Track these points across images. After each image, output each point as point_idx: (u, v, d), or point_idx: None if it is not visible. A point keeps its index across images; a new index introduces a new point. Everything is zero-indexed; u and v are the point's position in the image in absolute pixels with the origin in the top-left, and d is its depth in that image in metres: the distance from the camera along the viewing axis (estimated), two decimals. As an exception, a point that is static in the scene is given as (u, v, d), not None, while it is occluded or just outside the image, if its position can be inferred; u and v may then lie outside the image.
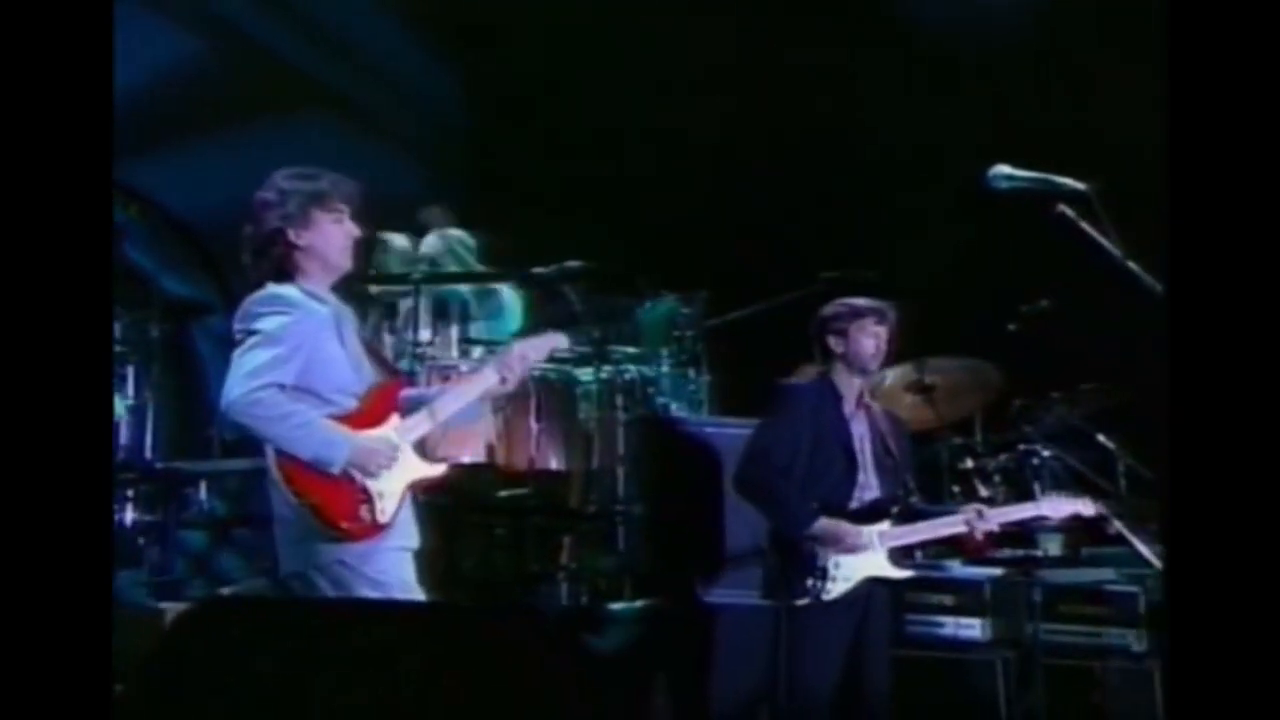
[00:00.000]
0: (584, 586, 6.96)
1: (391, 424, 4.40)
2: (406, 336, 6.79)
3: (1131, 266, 3.75)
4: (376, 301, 7.40)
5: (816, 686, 5.34)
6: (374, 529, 4.29)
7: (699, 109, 8.58)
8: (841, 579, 5.38)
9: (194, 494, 7.53)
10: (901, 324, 5.67)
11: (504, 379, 4.61)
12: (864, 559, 5.41)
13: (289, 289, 4.37)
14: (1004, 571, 6.40)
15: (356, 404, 4.37)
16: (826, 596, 5.37)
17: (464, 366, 6.51)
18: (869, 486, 5.56)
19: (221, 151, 8.62)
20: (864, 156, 8.42)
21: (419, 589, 4.40)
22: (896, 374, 6.81)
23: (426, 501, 4.75)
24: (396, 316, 7.12)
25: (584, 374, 7.13)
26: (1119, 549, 6.34)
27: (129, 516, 7.20)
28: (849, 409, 5.61)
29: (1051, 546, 6.64)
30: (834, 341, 5.61)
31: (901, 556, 5.52)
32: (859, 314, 5.62)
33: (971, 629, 6.25)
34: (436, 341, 7.07)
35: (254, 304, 4.36)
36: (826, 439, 5.53)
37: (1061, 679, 6.08)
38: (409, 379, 6.23)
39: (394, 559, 4.36)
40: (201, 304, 8.54)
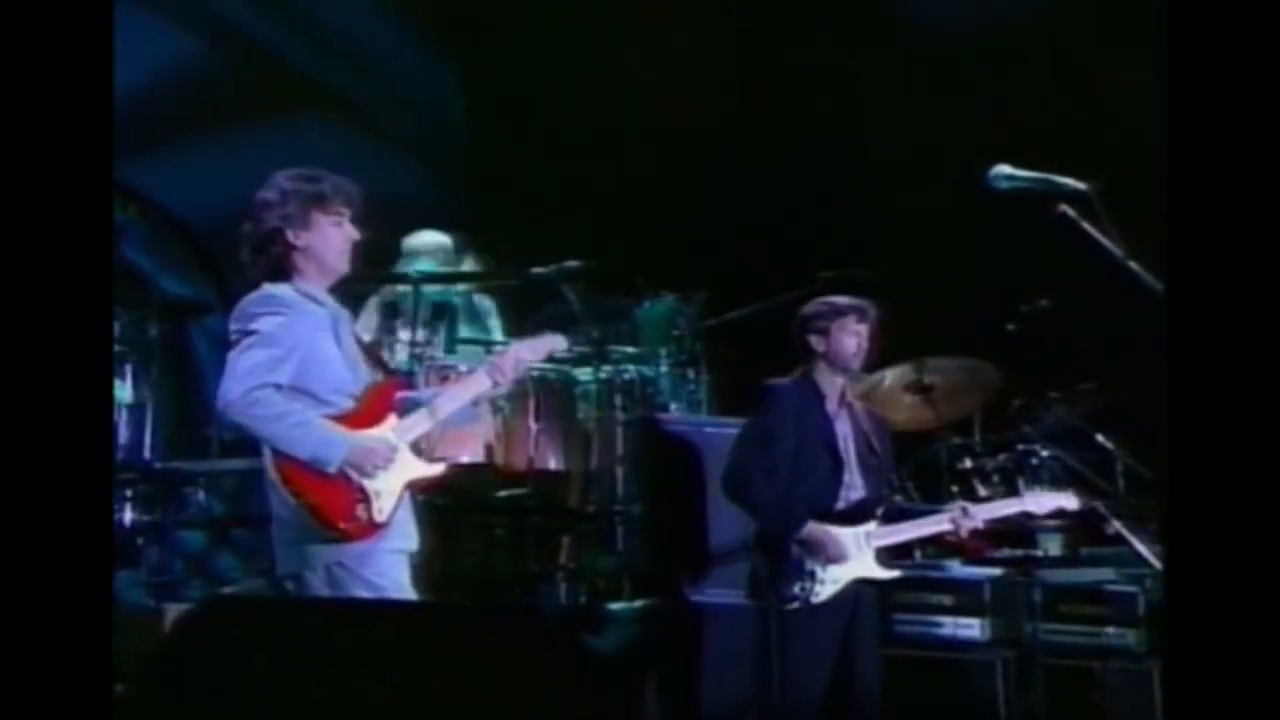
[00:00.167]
0: (583, 586, 6.94)
1: (388, 424, 4.40)
2: (403, 336, 6.77)
3: (1133, 266, 3.74)
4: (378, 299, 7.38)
5: (807, 688, 5.35)
6: (371, 528, 4.29)
7: (699, 109, 8.57)
8: (830, 581, 5.39)
9: (193, 494, 7.52)
10: (883, 321, 5.65)
11: (496, 382, 4.62)
12: (852, 560, 5.42)
13: (285, 290, 4.37)
14: (1004, 571, 6.40)
15: (353, 404, 4.37)
16: (815, 599, 5.37)
17: (463, 366, 6.50)
18: (854, 486, 5.56)
19: (221, 151, 8.61)
20: (864, 156, 8.41)
21: (415, 592, 4.40)
22: (896, 374, 6.78)
23: (426, 501, 4.74)
24: (397, 316, 7.10)
25: (583, 374, 7.12)
26: (1119, 549, 6.34)
27: (127, 516, 7.20)
28: (832, 408, 5.60)
29: (1051, 546, 6.63)
30: (815, 340, 5.60)
31: (890, 556, 5.52)
32: (840, 312, 5.60)
33: (971, 629, 6.24)
34: (435, 341, 7.05)
35: (250, 304, 4.36)
36: (811, 439, 5.52)
37: (1061, 679, 6.07)
38: (406, 379, 6.23)
39: (392, 561, 4.36)
40: (200, 304, 8.52)
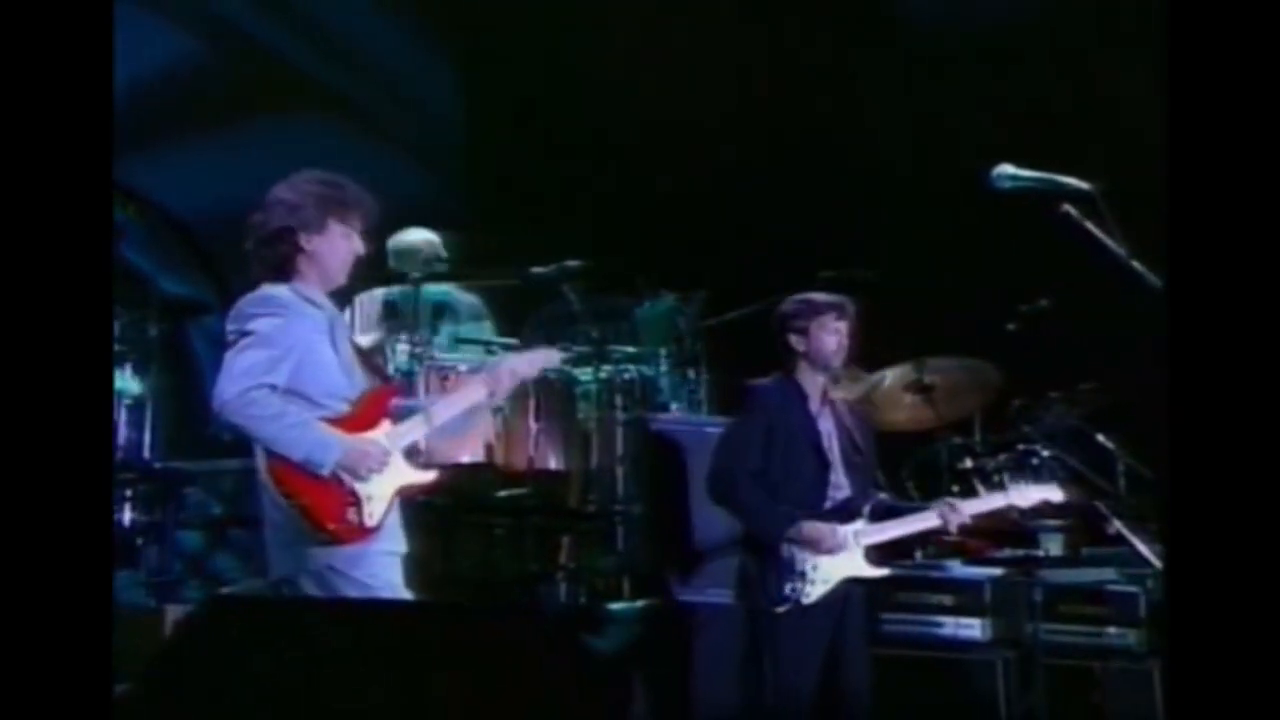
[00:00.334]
0: (583, 586, 6.95)
1: (383, 430, 4.40)
2: (402, 336, 6.76)
3: (1136, 266, 3.74)
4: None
5: (798, 688, 5.32)
6: (361, 532, 4.28)
7: (699, 109, 8.57)
8: (820, 581, 5.36)
9: (192, 494, 7.51)
10: (862, 318, 5.63)
11: (492, 393, 4.62)
12: (841, 559, 5.39)
13: (283, 291, 4.37)
14: (1004, 571, 6.40)
15: (348, 408, 4.36)
16: (806, 600, 5.35)
17: (462, 366, 6.50)
18: (840, 485, 5.53)
19: (220, 152, 8.61)
20: (864, 156, 8.41)
21: (407, 592, 4.39)
22: (896, 374, 6.80)
23: (425, 502, 4.74)
24: (396, 316, 7.09)
25: (583, 374, 7.12)
26: (1120, 549, 6.34)
27: (127, 516, 7.19)
28: (815, 407, 5.58)
29: (1052, 546, 6.63)
30: (795, 340, 5.56)
31: (879, 555, 5.50)
32: (818, 310, 5.57)
33: (971, 629, 6.23)
34: (434, 341, 7.05)
35: (247, 305, 4.35)
36: (795, 439, 5.49)
37: (1061, 679, 6.07)
38: (404, 382, 6.22)
39: (383, 562, 4.35)
40: (199, 303, 8.52)
